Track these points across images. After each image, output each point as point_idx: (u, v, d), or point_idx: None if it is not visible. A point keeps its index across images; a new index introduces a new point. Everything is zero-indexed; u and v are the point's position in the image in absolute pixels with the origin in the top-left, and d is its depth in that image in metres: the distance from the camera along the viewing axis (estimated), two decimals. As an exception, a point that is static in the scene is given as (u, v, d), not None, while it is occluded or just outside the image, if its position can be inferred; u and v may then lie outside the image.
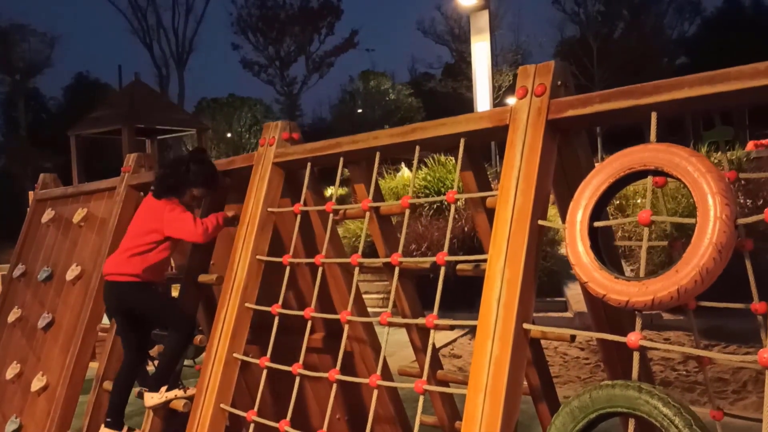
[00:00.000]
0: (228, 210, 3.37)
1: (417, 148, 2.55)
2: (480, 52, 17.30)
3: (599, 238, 1.95)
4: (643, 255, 1.93)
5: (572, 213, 1.97)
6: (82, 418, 3.80)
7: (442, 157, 12.78)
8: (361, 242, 2.63)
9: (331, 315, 2.71)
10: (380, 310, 2.53)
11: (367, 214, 2.69)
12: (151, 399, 3.27)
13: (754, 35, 33.39)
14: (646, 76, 16.74)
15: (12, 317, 4.59)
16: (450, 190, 2.37)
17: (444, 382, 2.97)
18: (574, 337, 2.10)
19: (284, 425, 2.53)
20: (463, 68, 31.29)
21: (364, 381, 2.44)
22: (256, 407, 2.69)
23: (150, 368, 3.71)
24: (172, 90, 41.62)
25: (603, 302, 1.91)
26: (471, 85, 18.98)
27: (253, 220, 2.98)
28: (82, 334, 3.92)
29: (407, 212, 2.50)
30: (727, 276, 1.74)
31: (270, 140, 3.10)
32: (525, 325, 2.00)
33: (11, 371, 4.34)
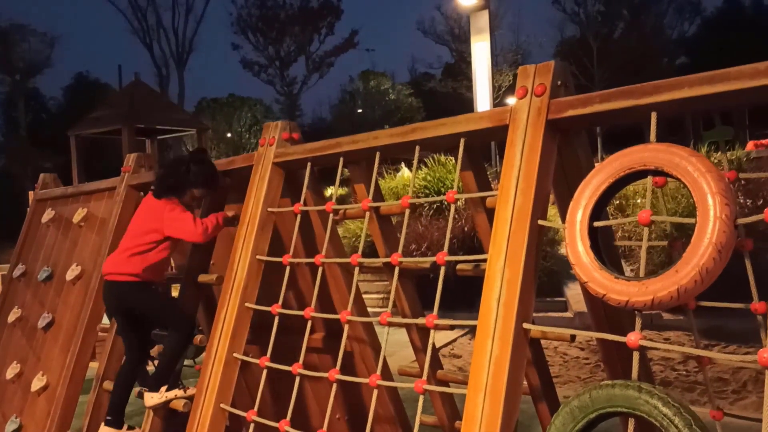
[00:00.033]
0: (228, 210, 3.37)
1: (417, 148, 2.55)
2: (480, 52, 17.30)
3: (599, 238, 1.96)
4: (643, 255, 1.93)
5: (572, 213, 1.97)
6: (82, 418, 3.80)
7: (442, 157, 12.77)
8: (361, 242, 2.63)
9: (331, 315, 2.71)
10: (380, 310, 2.53)
11: (367, 214, 2.69)
12: (151, 399, 3.27)
13: (754, 35, 33.40)
14: (646, 76, 16.70)
15: (12, 317, 4.59)
16: (450, 190, 2.37)
17: (444, 382, 2.97)
18: (574, 337, 2.11)
19: (284, 425, 2.53)
20: (463, 68, 31.29)
21: (364, 381, 2.44)
22: (256, 407, 2.69)
23: (150, 368, 3.71)
24: (172, 90, 41.70)
25: (603, 302, 1.91)
26: (471, 85, 18.97)
27: (253, 220, 2.98)
28: (82, 334, 3.93)
29: (407, 212, 2.50)
30: (726, 276, 1.75)
31: (270, 140, 3.10)
32: (525, 325, 2.00)
33: (11, 371, 4.34)
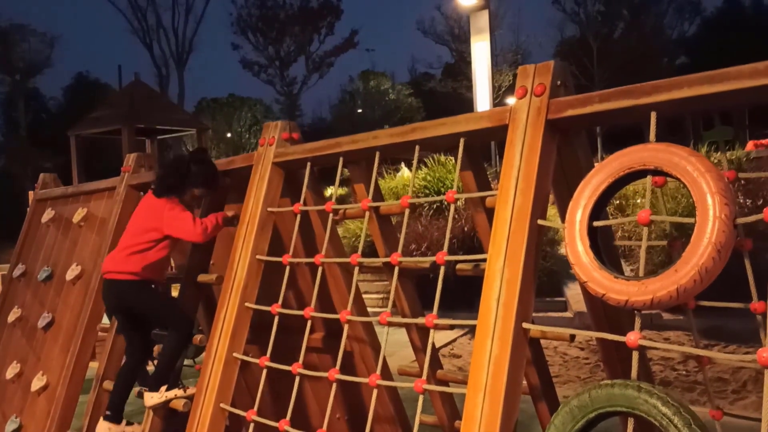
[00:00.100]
0: (228, 210, 3.37)
1: (417, 148, 2.55)
2: (480, 52, 17.29)
3: (599, 238, 1.96)
4: (642, 255, 1.93)
5: (572, 213, 1.97)
6: (82, 417, 3.80)
7: (441, 157, 12.77)
8: (361, 242, 2.63)
9: (330, 315, 2.71)
10: (380, 309, 2.52)
11: (367, 213, 2.69)
12: (151, 399, 3.27)
13: (754, 35, 33.39)
14: (646, 76, 16.64)
15: (12, 317, 4.59)
16: (450, 189, 2.37)
17: (444, 382, 2.97)
18: (573, 336, 2.11)
19: (284, 425, 2.53)
20: (463, 68, 31.27)
21: (363, 381, 2.44)
22: (256, 407, 2.69)
23: (150, 368, 3.71)
24: (172, 90, 41.69)
25: (602, 302, 1.92)
26: (471, 85, 18.96)
27: (252, 220, 2.99)
28: (82, 333, 3.93)
29: (407, 212, 2.50)
30: (726, 276, 1.75)
31: (270, 140, 3.10)
32: (524, 325, 2.00)
33: (11, 371, 4.34)
